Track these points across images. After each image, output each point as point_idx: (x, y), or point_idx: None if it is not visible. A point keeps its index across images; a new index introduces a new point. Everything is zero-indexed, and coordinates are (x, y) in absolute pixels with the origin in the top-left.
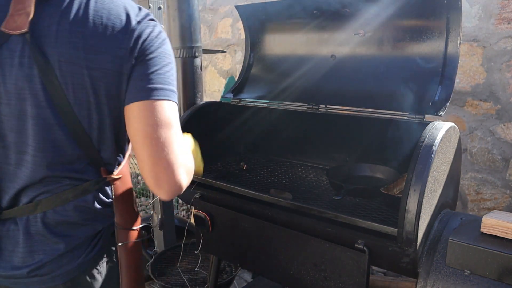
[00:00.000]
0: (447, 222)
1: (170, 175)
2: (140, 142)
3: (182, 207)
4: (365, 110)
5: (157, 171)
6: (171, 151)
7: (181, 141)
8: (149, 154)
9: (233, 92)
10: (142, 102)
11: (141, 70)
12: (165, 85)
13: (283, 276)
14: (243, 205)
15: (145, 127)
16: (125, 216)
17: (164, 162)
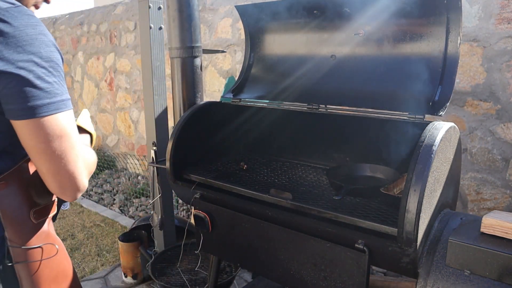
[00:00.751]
0: (447, 222)
1: (72, 182)
2: (36, 157)
3: (182, 207)
4: (365, 110)
5: (59, 181)
6: (68, 161)
7: (77, 146)
8: (48, 168)
9: (233, 92)
10: (27, 121)
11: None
12: (47, 95)
13: (283, 276)
14: (243, 205)
15: (37, 144)
16: (16, 231)
17: (64, 172)
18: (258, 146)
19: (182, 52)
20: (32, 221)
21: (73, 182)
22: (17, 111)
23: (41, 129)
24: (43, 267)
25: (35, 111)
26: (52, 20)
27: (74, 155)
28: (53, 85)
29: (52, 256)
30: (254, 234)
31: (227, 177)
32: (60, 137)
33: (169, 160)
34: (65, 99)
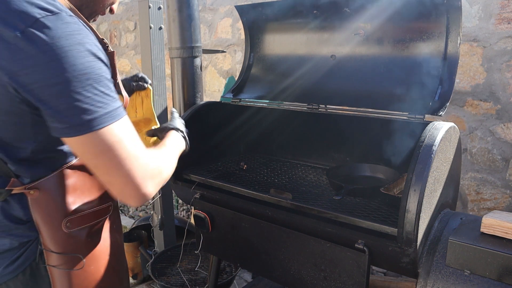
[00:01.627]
0: (447, 222)
1: (133, 191)
2: (93, 170)
3: (182, 207)
4: (365, 110)
5: (118, 190)
6: (126, 170)
7: (134, 150)
8: (106, 180)
9: (233, 92)
10: (76, 138)
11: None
12: (87, 113)
13: (283, 276)
14: (243, 205)
15: (90, 159)
16: (50, 238)
17: (123, 181)
18: (258, 146)
19: (182, 52)
20: (63, 230)
21: (133, 191)
22: (62, 129)
23: (87, 144)
24: (74, 275)
25: (78, 128)
26: None
27: (131, 163)
28: (94, 99)
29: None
30: (254, 234)
31: (227, 177)
32: (112, 148)
33: None
34: (110, 110)
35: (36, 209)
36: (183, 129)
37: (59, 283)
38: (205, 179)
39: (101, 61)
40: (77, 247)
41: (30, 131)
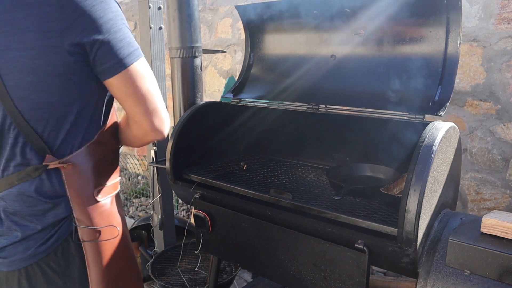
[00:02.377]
0: (447, 222)
1: (162, 117)
2: (131, 102)
3: (182, 207)
4: (365, 110)
5: (150, 118)
6: (155, 97)
7: (155, 85)
8: (142, 108)
9: (233, 92)
10: (121, 73)
11: (97, 45)
12: (128, 50)
13: (283, 276)
14: (243, 205)
15: (132, 90)
16: (83, 211)
17: (153, 107)
18: (258, 146)
19: (182, 52)
20: (96, 199)
21: (161, 115)
22: (113, 66)
23: (132, 76)
24: (107, 247)
25: (126, 61)
26: None
27: (157, 92)
28: (129, 36)
29: (114, 237)
30: (254, 234)
31: (227, 177)
32: (146, 78)
33: (169, 160)
34: (138, 46)
35: (70, 183)
36: None
37: (92, 257)
38: (205, 179)
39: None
40: (107, 219)
41: (76, 91)
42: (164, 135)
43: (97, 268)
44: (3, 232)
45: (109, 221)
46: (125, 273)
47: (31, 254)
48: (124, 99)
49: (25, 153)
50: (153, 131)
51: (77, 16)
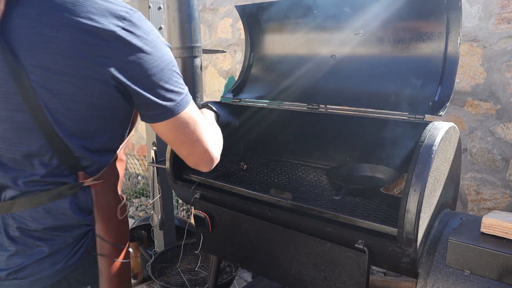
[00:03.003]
0: (447, 222)
1: (209, 158)
2: (177, 147)
3: (182, 207)
4: (365, 110)
5: (198, 160)
6: (203, 143)
7: (207, 128)
8: (188, 152)
9: (233, 92)
10: (166, 121)
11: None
12: (178, 96)
13: (283, 276)
14: (243, 205)
15: (176, 137)
16: (105, 226)
17: (201, 152)
18: (258, 146)
19: (182, 52)
20: (118, 217)
21: (209, 158)
22: (155, 116)
23: (178, 124)
24: (121, 266)
25: (172, 111)
26: None
27: (207, 136)
28: (179, 84)
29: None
30: (254, 234)
31: (227, 177)
32: (193, 125)
33: (169, 160)
34: (188, 92)
35: (99, 199)
36: None
37: (106, 272)
38: (205, 179)
39: (170, 48)
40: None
41: (110, 124)
42: (210, 168)
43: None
44: (18, 251)
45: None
46: None
47: (60, 269)
48: (171, 144)
49: (56, 173)
50: (199, 166)
51: (128, 62)
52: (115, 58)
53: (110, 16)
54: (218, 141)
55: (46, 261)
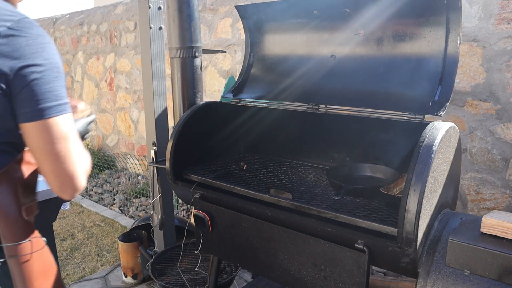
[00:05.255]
0: (447, 222)
1: (73, 182)
2: (42, 158)
3: (182, 207)
4: (365, 110)
5: (61, 181)
6: (70, 162)
7: (77, 148)
8: (51, 168)
9: (233, 92)
10: (36, 122)
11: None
12: (56, 101)
13: (283, 276)
14: (243, 205)
15: (43, 145)
16: (10, 228)
17: (66, 173)
18: (258, 146)
19: (182, 52)
20: (23, 217)
21: (73, 182)
22: (30, 113)
23: (48, 130)
24: (33, 260)
25: (45, 112)
26: (52, 20)
27: (75, 157)
28: (60, 89)
29: (40, 248)
30: (254, 234)
31: (227, 177)
32: (64, 139)
33: (169, 160)
34: (67, 102)
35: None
36: None
37: (17, 272)
38: (205, 179)
39: (61, 60)
40: (31, 233)
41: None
42: (72, 196)
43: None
44: None
45: (34, 234)
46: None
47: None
48: (35, 152)
49: None
50: (60, 191)
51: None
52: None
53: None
54: (86, 167)
55: None
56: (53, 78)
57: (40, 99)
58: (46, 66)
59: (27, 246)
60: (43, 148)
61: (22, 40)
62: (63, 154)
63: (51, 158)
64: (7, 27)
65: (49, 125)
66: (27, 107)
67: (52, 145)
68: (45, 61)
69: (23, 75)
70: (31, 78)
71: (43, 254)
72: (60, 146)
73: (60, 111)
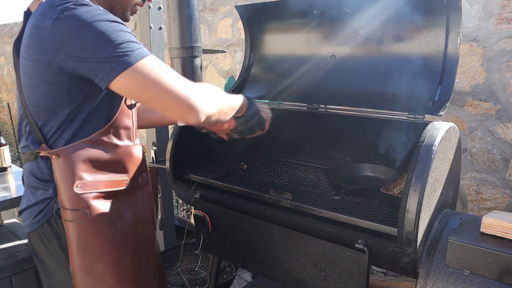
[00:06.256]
0: (447, 222)
1: (187, 107)
2: (148, 104)
3: (182, 207)
4: (365, 110)
5: (176, 111)
6: (172, 90)
7: (172, 75)
8: (162, 107)
9: (233, 92)
10: (119, 78)
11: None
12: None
13: (283, 276)
14: (243, 205)
15: (140, 94)
16: (63, 197)
17: (175, 100)
18: (258, 146)
19: (182, 52)
20: (74, 190)
21: (187, 105)
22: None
23: (131, 80)
24: (82, 229)
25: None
26: None
27: (175, 85)
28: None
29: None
30: (254, 234)
31: (227, 177)
32: (151, 79)
33: (169, 160)
34: (136, 49)
35: (57, 171)
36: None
37: (72, 234)
38: (205, 179)
39: (121, 23)
40: (84, 206)
41: (65, 98)
42: (197, 118)
43: (74, 243)
44: (22, 198)
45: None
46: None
47: (30, 223)
48: (140, 100)
49: (30, 140)
50: (185, 119)
51: (64, 42)
52: (52, 43)
53: (51, 9)
54: (199, 89)
55: (27, 212)
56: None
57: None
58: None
59: (75, 214)
60: (139, 97)
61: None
62: (160, 92)
63: (152, 101)
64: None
65: (128, 78)
66: (99, 73)
67: (145, 92)
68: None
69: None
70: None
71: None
72: (150, 88)
73: (131, 62)
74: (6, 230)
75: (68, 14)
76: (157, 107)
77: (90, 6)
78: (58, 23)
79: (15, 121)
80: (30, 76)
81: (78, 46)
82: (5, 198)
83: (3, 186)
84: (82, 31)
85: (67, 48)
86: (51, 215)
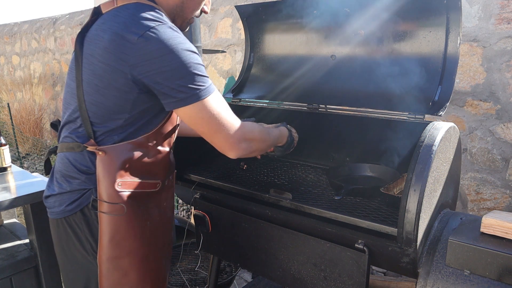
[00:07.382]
0: (447, 222)
1: (230, 145)
2: (198, 132)
3: (182, 207)
4: (365, 110)
5: (221, 147)
6: (223, 133)
7: (230, 117)
8: (210, 141)
9: (233, 92)
10: (184, 108)
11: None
12: (194, 90)
13: (283, 276)
14: (243, 205)
15: (197, 125)
16: (103, 190)
17: (222, 141)
18: None
19: None
20: (115, 187)
21: (230, 148)
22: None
23: (193, 113)
24: (115, 222)
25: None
26: (52, 20)
27: (227, 128)
28: (195, 79)
29: (120, 214)
30: (254, 234)
31: (227, 177)
32: (211, 117)
33: None
34: (207, 86)
35: (100, 166)
36: (292, 129)
37: (105, 227)
38: (205, 179)
39: (196, 53)
40: (121, 201)
41: (128, 106)
42: (235, 156)
43: (107, 235)
44: (50, 183)
45: (120, 200)
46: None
47: (61, 210)
48: (192, 127)
49: (78, 132)
50: (225, 153)
51: (146, 60)
52: (133, 56)
53: (136, 24)
54: (247, 133)
55: (57, 198)
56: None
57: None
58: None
59: (111, 207)
60: (196, 126)
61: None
62: (214, 130)
63: (205, 134)
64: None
65: (192, 111)
66: (166, 99)
67: (202, 126)
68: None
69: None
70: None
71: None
72: (208, 124)
73: (199, 97)
74: (6, 230)
75: (154, 35)
76: (207, 139)
77: (174, 30)
78: (143, 41)
79: (15, 121)
80: (98, 76)
81: (158, 68)
82: (5, 198)
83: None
84: (165, 56)
85: (147, 67)
86: (86, 204)
